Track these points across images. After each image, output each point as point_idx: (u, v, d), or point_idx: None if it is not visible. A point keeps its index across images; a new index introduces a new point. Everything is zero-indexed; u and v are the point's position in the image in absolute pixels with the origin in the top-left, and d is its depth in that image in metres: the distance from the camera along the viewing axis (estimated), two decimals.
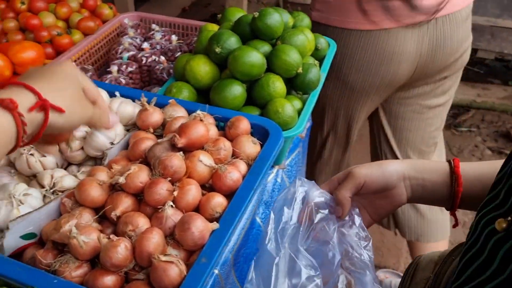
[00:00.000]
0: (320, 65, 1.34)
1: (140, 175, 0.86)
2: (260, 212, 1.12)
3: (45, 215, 0.86)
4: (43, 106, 0.61)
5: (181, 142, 0.90)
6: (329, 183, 0.87)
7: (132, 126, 1.10)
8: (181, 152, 0.89)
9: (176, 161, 0.86)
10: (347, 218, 0.83)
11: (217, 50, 1.14)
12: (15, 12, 1.48)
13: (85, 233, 0.77)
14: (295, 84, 1.19)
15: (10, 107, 0.56)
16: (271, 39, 1.21)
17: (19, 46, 1.25)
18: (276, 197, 0.89)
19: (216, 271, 0.94)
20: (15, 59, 1.26)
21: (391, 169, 0.82)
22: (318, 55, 1.36)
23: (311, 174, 1.88)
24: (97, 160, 1.02)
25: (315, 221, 0.82)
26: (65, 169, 1.02)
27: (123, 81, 1.31)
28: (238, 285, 1.05)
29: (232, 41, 1.15)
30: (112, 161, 0.97)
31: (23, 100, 0.59)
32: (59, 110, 0.63)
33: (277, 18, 1.18)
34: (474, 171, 0.81)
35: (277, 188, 1.18)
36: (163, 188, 0.83)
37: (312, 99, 1.21)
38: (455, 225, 0.87)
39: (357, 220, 0.83)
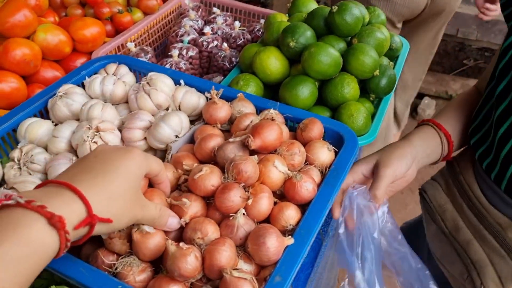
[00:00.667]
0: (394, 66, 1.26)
1: (212, 177, 0.80)
2: None
3: None
4: (90, 223, 0.56)
5: (255, 144, 0.84)
6: (353, 174, 0.93)
7: (196, 118, 1.04)
8: (256, 156, 0.83)
9: (251, 166, 0.79)
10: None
11: (292, 44, 1.06)
12: None
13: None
14: (369, 87, 1.11)
15: (58, 226, 0.52)
16: (347, 36, 1.13)
17: (81, 22, 1.20)
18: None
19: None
20: (76, 36, 1.21)
21: (408, 157, 0.90)
22: (391, 55, 1.28)
23: None
24: (159, 152, 0.96)
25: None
26: None
27: (183, 67, 1.25)
28: None
29: (308, 35, 1.07)
30: (177, 157, 0.92)
31: (72, 215, 0.54)
32: (107, 222, 0.59)
33: (356, 13, 1.09)
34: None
35: None
36: (236, 194, 0.77)
37: (385, 103, 1.13)
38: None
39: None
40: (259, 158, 0.86)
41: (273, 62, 1.08)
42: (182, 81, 1.06)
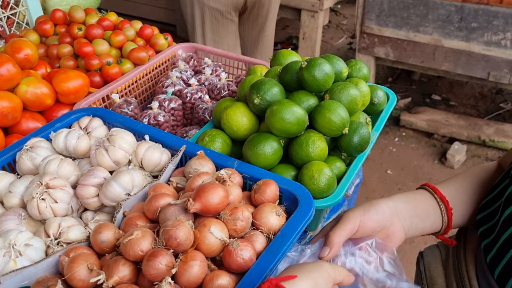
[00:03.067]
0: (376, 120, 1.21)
1: (142, 242, 0.78)
2: None
3: (42, 271, 0.81)
4: None
5: (194, 207, 0.81)
6: (323, 232, 0.86)
7: (158, 174, 1.03)
8: (191, 222, 0.80)
9: (182, 233, 0.77)
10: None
11: (256, 101, 1.04)
12: (72, 37, 1.49)
13: None
14: (340, 145, 1.07)
15: None
16: (318, 91, 1.10)
17: (64, 75, 1.24)
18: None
19: None
20: (58, 88, 1.24)
21: (383, 206, 0.84)
22: (374, 110, 1.23)
23: None
24: (110, 209, 0.96)
25: None
26: (82, 212, 0.98)
27: (162, 119, 1.25)
28: None
29: (274, 91, 1.05)
30: (129, 218, 0.91)
31: None
32: None
33: (326, 69, 1.06)
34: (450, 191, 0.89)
35: None
36: (162, 262, 0.74)
37: (358, 163, 1.08)
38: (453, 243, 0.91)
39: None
40: (199, 222, 0.84)
41: (239, 119, 1.06)
42: (147, 136, 1.06)
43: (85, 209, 0.98)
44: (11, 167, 1.06)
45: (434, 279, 0.92)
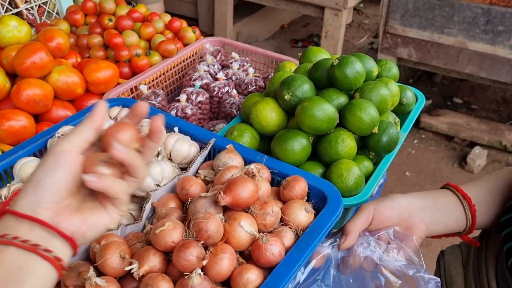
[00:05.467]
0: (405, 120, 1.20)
1: (174, 233, 0.78)
2: None
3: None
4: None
5: (225, 200, 0.82)
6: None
7: (187, 166, 1.04)
8: (221, 215, 0.80)
9: (212, 226, 0.77)
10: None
11: (286, 97, 1.04)
12: (102, 28, 1.50)
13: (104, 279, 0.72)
14: (368, 144, 1.06)
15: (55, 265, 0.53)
16: (349, 90, 1.09)
17: (95, 65, 1.25)
18: None
19: None
20: (89, 78, 1.26)
21: (398, 197, 0.85)
22: (402, 110, 1.22)
23: None
24: (138, 199, 0.97)
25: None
26: None
27: (189, 112, 1.26)
28: None
29: (305, 88, 1.05)
30: (156, 204, 0.92)
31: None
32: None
33: (358, 68, 1.06)
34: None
35: None
36: (192, 254, 0.75)
37: (385, 162, 1.07)
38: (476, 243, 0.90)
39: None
40: (229, 216, 0.84)
41: (268, 114, 1.07)
42: (176, 129, 1.07)
43: None
44: (42, 153, 1.07)
45: (453, 278, 0.92)
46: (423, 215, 0.83)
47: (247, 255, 0.83)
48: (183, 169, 1.04)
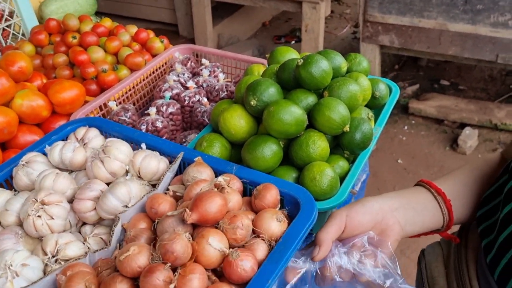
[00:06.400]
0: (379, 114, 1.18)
1: (139, 258, 0.75)
2: None
3: None
4: None
5: (191, 218, 0.79)
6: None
7: (157, 183, 1.01)
8: (188, 234, 0.77)
9: (179, 246, 0.74)
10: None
11: (253, 102, 1.01)
12: (66, 46, 1.47)
13: None
14: (342, 143, 1.04)
15: None
16: (317, 89, 1.07)
17: (59, 86, 1.22)
18: None
19: None
20: (54, 99, 1.22)
21: (370, 201, 0.81)
22: (376, 104, 1.19)
23: None
24: (108, 222, 0.94)
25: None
26: (81, 226, 0.96)
27: (160, 125, 1.23)
28: None
29: (271, 92, 1.02)
30: (126, 226, 0.90)
31: None
32: None
33: (323, 66, 1.03)
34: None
35: None
36: (159, 278, 0.72)
37: (361, 160, 1.05)
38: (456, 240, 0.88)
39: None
40: (197, 233, 0.81)
41: (237, 121, 1.04)
42: (143, 145, 1.04)
43: (84, 223, 0.96)
44: (8, 183, 1.04)
45: (435, 278, 0.89)
46: (396, 215, 0.80)
47: (220, 272, 0.81)
48: (154, 185, 1.01)
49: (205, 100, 1.29)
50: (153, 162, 0.99)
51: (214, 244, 0.78)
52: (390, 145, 3.30)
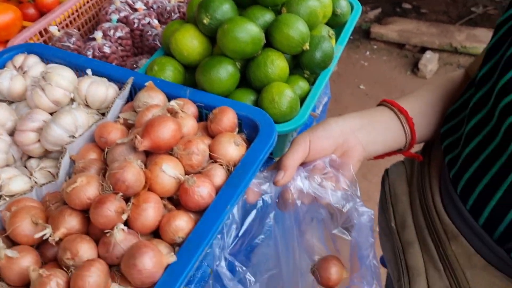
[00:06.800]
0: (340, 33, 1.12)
1: (88, 189, 0.70)
2: None
3: None
4: None
5: (143, 145, 0.74)
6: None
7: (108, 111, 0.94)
8: (139, 161, 0.73)
9: (130, 175, 0.69)
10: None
11: (205, 21, 0.94)
12: None
13: (16, 249, 0.65)
14: (302, 62, 0.99)
15: None
16: (274, 5, 0.99)
17: None
18: None
19: None
20: None
21: (330, 123, 0.78)
22: (337, 22, 1.13)
23: None
24: (56, 154, 0.88)
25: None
26: (27, 160, 0.90)
27: (108, 50, 1.14)
28: None
29: (225, 9, 0.95)
30: (75, 157, 0.84)
31: None
32: None
33: None
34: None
35: None
36: (110, 209, 0.67)
37: (322, 80, 1.00)
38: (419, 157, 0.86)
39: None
40: (150, 161, 0.76)
41: (189, 42, 0.96)
42: (89, 71, 0.96)
43: (30, 157, 0.90)
44: None
45: (398, 196, 0.88)
46: (358, 136, 0.78)
47: (177, 201, 0.77)
48: (104, 115, 0.95)
49: (156, 22, 1.20)
50: (100, 89, 0.92)
51: (169, 171, 0.73)
52: (352, 70, 3.28)
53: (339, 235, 0.77)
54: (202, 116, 0.91)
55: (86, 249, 0.67)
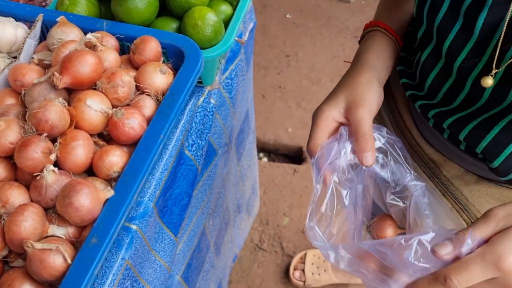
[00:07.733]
0: None
1: (9, 133, 0.67)
2: (190, 144, 0.95)
3: None
4: None
5: (62, 82, 0.70)
6: (325, 124, 0.68)
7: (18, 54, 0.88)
8: (61, 99, 0.69)
9: (53, 113, 0.66)
10: None
11: None
12: None
13: None
14: None
15: None
16: None
17: None
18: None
19: (134, 227, 0.79)
20: None
21: (376, 86, 0.70)
22: None
23: None
24: None
25: None
26: None
27: None
28: (170, 233, 0.92)
29: None
30: None
31: None
32: None
33: None
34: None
35: (210, 111, 1.00)
36: (36, 151, 0.64)
37: (244, 3, 0.98)
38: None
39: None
40: (73, 98, 0.73)
41: None
42: None
43: None
44: None
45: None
46: (382, 86, 0.73)
47: (108, 136, 0.75)
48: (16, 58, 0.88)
49: None
50: (8, 29, 0.85)
51: (94, 106, 0.70)
52: (277, 0, 3.23)
53: (392, 203, 0.72)
54: (124, 49, 0.87)
55: (16, 195, 0.64)
